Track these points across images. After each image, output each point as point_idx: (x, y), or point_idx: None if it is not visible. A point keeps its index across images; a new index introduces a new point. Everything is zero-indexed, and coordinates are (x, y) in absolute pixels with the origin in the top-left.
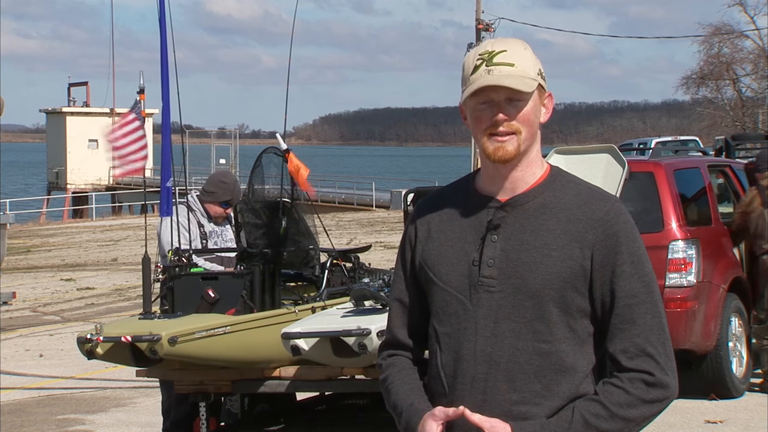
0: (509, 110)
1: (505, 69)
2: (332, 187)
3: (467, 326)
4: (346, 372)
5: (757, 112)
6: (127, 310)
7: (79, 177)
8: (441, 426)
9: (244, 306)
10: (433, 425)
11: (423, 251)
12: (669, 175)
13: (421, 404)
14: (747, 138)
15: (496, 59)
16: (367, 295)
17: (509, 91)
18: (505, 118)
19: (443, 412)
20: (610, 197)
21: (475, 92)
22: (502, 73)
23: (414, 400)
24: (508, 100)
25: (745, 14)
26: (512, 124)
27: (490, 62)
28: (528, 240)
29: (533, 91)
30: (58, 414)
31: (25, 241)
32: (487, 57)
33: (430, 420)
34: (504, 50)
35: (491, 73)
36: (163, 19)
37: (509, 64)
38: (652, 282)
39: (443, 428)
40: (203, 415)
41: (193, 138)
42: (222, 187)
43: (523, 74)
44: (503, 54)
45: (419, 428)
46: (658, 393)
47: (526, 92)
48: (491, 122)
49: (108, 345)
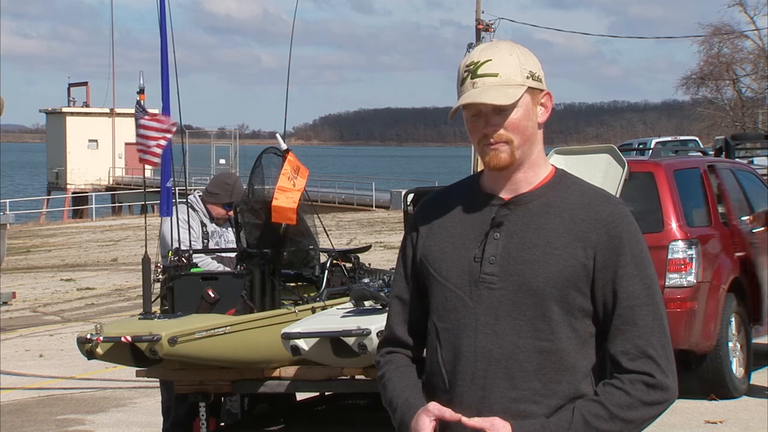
0: (497, 120)
1: (489, 80)
2: (332, 187)
3: (467, 323)
4: (346, 372)
5: (757, 112)
6: (127, 310)
7: (79, 177)
8: (434, 422)
9: (244, 306)
10: (425, 420)
11: (424, 247)
12: (669, 176)
13: (416, 400)
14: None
15: (480, 70)
16: (367, 296)
17: (492, 104)
18: (494, 129)
19: (437, 408)
20: (614, 199)
21: (463, 106)
22: (486, 86)
23: (409, 396)
24: (495, 110)
25: (745, 14)
26: (502, 133)
27: (475, 74)
28: (531, 238)
29: (518, 100)
30: (58, 414)
31: (25, 241)
32: (473, 68)
33: (423, 415)
34: (489, 60)
35: (475, 86)
36: (164, 19)
37: (493, 75)
38: (654, 284)
39: (436, 424)
40: (203, 415)
41: (193, 138)
42: (225, 189)
43: (507, 83)
44: (488, 64)
45: (413, 423)
46: (659, 395)
47: (509, 105)
48: (482, 134)
49: (108, 345)
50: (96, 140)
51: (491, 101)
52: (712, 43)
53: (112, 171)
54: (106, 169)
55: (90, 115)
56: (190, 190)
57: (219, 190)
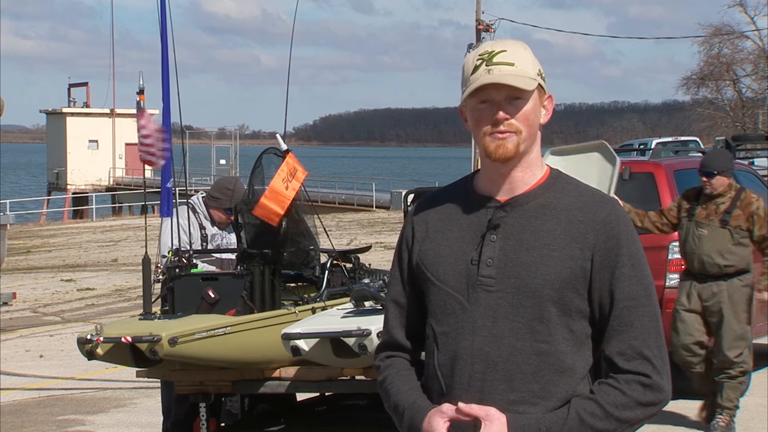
0: (509, 109)
1: (506, 68)
2: (332, 187)
3: (465, 325)
4: (346, 372)
5: (757, 113)
6: (127, 310)
7: (79, 177)
8: (447, 423)
9: (244, 306)
10: (440, 422)
11: (420, 251)
12: (669, 176)
13: (424, 402)
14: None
15: (496, 59)
16: (368, 296)
17: (510, 90)
18: (505, 117)
19: (452, 409)
20: (610, 200)
21: (475, 91)
22: (503, 72)
23: (417, 399)
24: (509, 99)
25: (745, 15)
26: (512, 122)
27: (490, 62)
28: (528, 240)
29: (533, 90)
30: (58, 414)
31: (26, 241)
32: (487, 57)
33: (437, 416)
34: (504, 50)
35: (491, 72)
36: (164, 19)
37: (509, 64)
38: (650, 285)
39: (450, 425)
40: (203, 415)
41: (194, 139)
42: (226, 194)
43: (523, 73)
44: (503, 54)
45: (425, 424)
46: (654, 396)
47: (526, 90)
48: (492, 121)
49: (108, 345)
50: (96, 141)
51: (514, 83)
52: (712, 44)
53: (113, 171)
54: (106, 170)
55: (90, 115)
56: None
57: (220, 194)
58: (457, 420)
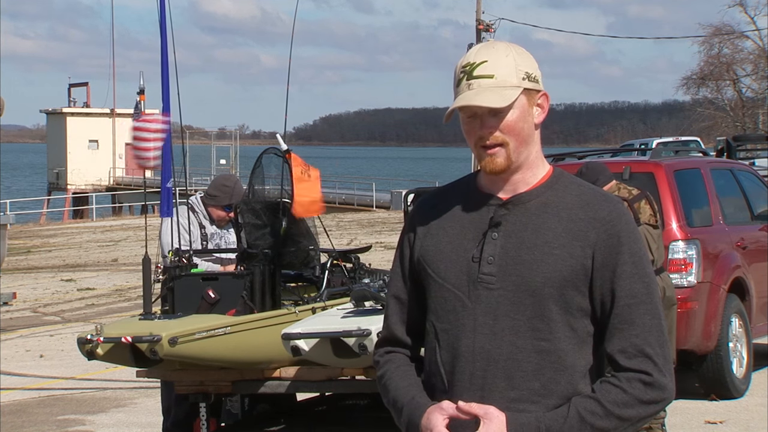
0: (493, 122)
1: (485, 82)
2: (332, 187)
3: (465, 323)
4: (346, 372)
5: (758, 113)
6: (127, 310)
7: (79, 177)
8: (447, 420)
9: (244, 306)
10: (439, 418)
11: (422, 247)
12: (669, 176)
13: (423, 398)
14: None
15: (476, 71)
16: (368, 296)
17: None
18: (489, 131)
19: (451, 407)
20: (612, 198)
21: (459, 108)
22: (481, 87)
23: (415, 395)
24: (492, 112)
25: (745, 15)
26: (498, 135)
27: (471, 76)
28: (529, 238)
29: (512, 102)
30: (58, 414)
31: (26, 241)
32: (469, 69)
33: (436, 413)
34: (485, 61)
35: (471, 87)
36: (164, 19)
37: (488, 76)
38: (652, 283)
39: (449, 422)
40: (203, 415)
41: (194, 139)
42: (224, 191)
43: (503, 84)
44: (483, 66)
45: (423, 421)
46: (655, 394)
47: (504, 106)
48: (478, 135)
49: (108, 345)
50: (96, 141)
51: (486, 104)
52: (712, 44)
53: (113, 171)
54: (106, 170)
55: (90, 115)
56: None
57: (218, 192)
58: (456, 418)
